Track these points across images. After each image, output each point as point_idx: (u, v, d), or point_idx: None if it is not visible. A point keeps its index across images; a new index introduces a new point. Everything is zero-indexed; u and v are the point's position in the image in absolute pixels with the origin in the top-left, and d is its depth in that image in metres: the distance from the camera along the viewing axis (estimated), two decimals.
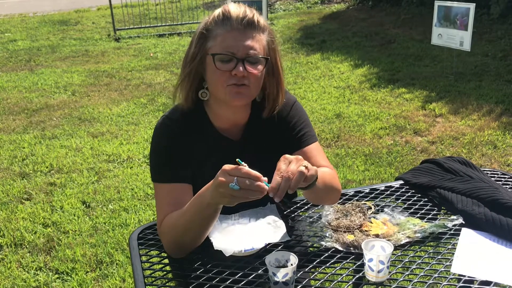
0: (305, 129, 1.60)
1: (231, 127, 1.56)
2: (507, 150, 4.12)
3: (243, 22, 1.40)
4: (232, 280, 1.31)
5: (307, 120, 1.63)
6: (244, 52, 1.39)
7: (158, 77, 6.89)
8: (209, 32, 1.43)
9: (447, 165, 1.81)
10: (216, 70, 1.40)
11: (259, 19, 1.43)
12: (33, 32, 10.40)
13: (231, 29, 1.40)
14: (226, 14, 1.41)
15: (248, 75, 1.40)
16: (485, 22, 8.44)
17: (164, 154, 1.50)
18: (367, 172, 3.86)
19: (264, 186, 1.18)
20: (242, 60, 1.38)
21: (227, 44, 1.39)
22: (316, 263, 1.37)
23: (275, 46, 1.48)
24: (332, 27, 9.73)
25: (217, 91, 1.45)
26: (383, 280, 1.29)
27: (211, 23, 1.43)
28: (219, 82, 1.41)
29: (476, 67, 6.39)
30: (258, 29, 1.42)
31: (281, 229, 1.48)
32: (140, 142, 4.60)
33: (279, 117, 1.58)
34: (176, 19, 10.68)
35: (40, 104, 5.81)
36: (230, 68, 1.39)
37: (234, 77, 1.39)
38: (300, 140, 1.58)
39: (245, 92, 1.42)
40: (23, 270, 2.86)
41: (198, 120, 1.54)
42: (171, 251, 1.43)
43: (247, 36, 1.40)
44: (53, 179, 3.92)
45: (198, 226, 1.34)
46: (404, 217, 1.55)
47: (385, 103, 5.41)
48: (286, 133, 1.59)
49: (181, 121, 1.52)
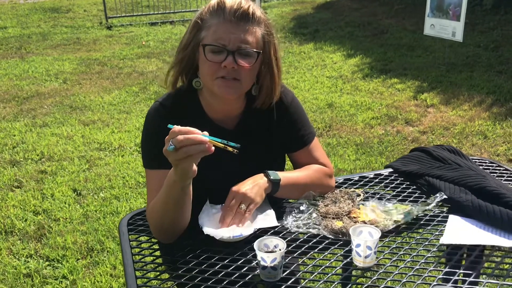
0: (306, 128, 1.63)
1: (225, 117, 1.56)
2: (497, 140, 4.15)
3: (237, 14, 1.38)
4: (221, 265, 1.32)
5: (305, 116, 1.66)
6: (235, 44, 1.38)
7: (150, 65, 6.85)
8: (203, 22, 1.42)
9: (436, 154, 1.82)
10: (206, 61, 1.40)
11: (255, 11, 1.42)
12: (23, 19, 10.28)
13: (224, 21, 1.39)
14: (221, 4, 1.40)
15: (239, 69, 1.39)
16: (478, 13, 8.46)
17: (155, 140, 1.49)
18: (358, 162, 3.88)
19: (202, 137, 1.15)
20: (233, 53, 1.38)
21: (219, 35, 1.38)
22: (305, 249, 1.39)
23: (271, 39, 1.46)
24: (325, 17, 9.71)
25: (207, 82, 1.45)
26: (370, 266, 1.30)
27: (206, 13, 1.42)
28: (208, 73, 1.41)
29: (468, 58, 6.42)
30: (252, 21, 1.41)
31: (270, 216, 1.49)
32: (132, 130, 4.59)
33: (278, 112, 1.59)
34: (169, 7, 10.61)
35: (31, 92, 5.76)
36: (220, 60, 1.38)
37: (224, 69, 1.39)
38: (302, 140, 1.63)
39: (234, 86, 1.41)
40: (13, 257, 2.86)
41: (192, 108, 1.54)
42: (157, 235, 1.44)
43: (240, 29, 1.39)
44: (44, 167, 3.91)
45: (172, 208, 1.33)
46: (392, 204, 1.56)
47: (377, 93, 5.42)
48: (286, 130, 1.61)
49: (173, 108, 1.51)
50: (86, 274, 2.70)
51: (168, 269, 1.34)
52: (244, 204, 1.43)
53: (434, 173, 1.70)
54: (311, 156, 1.64)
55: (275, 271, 1.25)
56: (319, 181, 1.61)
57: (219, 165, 1.47)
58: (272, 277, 1.25)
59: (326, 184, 1.64)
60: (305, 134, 1.64)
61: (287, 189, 1.54)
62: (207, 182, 1.42)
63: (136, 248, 1.43)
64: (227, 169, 1.47)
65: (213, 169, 1.47)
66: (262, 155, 1.59)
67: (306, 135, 1.64)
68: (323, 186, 1.63)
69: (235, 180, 1.48)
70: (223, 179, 1.46)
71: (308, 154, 1.64)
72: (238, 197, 1.44)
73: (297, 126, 1.62)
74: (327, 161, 1.67)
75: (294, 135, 1.63)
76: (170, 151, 1.15)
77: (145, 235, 1.50)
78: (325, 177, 1.64)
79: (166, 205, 1.34)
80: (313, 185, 1.59)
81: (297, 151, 1.64)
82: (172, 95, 1.54)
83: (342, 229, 1.45)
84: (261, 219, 1.47)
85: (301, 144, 1.64)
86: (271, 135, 1.61)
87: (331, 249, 1.38)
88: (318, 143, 1.68)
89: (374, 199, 1.62)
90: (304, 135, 1.63)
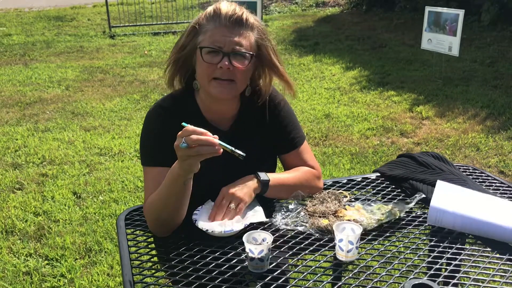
0: (296, 132, 1.73)
1: (220, 117, 1.65)
2: (489, 152, 4.24)
3: (231, 19, 1.49)
4: (212, 257, 1.40)
5: (296, 120, 1.76)
6: (230, 47, 1.48)
7: (151, 74, 6.96)
8: (200, 27, 1.53)
9: (421, 159, 1.91)
10: (203, 62, 1.50)
11: (248, 18, 1.53)
12: (28, 27, 10.44)
13: (220, 25, 1.49)
14: (217, 11, 1.51)
15: (234, 70, 1.49)
16: (476, 29, 8.60)
17: (153, 138, 1.60)
18: (353, 171, 3.96)
19: (213, 140, 1.26)
20: (228, 54, 1.48)
21: (215, 38, 1.49)
22: (292, 244, 1.47)
23: (265, 42, 1.56)
24: (325, 30, 9.85)
25: (203, 84, 1.55)
26: (352, 260, 1.38)
27: (203, 19, 1.53)
28: (205, 74, 1.51)
29: (464, 72, 6.53)
30: (246, 26, 1.52)
31: (259, 212, 1.57)
32: (132, 136, 4.68)
33: (270, 115, 1.70)
34: (172, 18, 10.76)
35: (34, 98, 5.87)
36: (216, 61, 1.48)
37: (220, 70, 1.49)
38: (293, 142, 1.73)
39: (229, 87, 1.52)
40: (13, 256, 2.93)
41: (189, 109, 1.63)
42: (154, 229, 1.52)
43: (234, 33, 1.50)
44: (45, 170, 3.99)
45: (173, 202, 1.43)
46: (376, 205, 1.65)
47: (373, 105, 5.52)
48: (278, 133, 1.71)
49: (172, 109, 1.61)
50: (83, 273, 2.77)
51: (161, 260, 1.43)
52: (234, 203, 1.52)
53: (417, 177, 1.79)
54: (300, 158, 1.73)
55: (262, 263, 1.33)
56: (307, 182, 1.70)
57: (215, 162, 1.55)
58: (259, 268, 1.33)
59: (315, 185, 1.73)
60: (296, 137, 1.73)
61: (276, 189, 1.63)
62: (203, 179, 1.50)
63: (132, 241, 1.51)
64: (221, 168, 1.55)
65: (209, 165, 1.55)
66: (254, 155, 1.67)
67: (296, 138, 1.73)
68: (311, 187, 1.72)
69: (226, 178, 1.57)
70: (217, 177, 1.55)
71: (297, 156, 1.73)
72: (228, 197, 1.54)
73: (288, 128, 1.72)
74: (316, 164, 1.76)
75: (285, 137, 1.72)
76: (182, 148, 1.25)
77: (141, 230, 1.58)
78: (314, 178, 1.73)
79: (167, 199, 1.43)
80: (302, 186, 1.68)
81: (287, 153, 1.73)
82: (170, 97, 1.64)
83: (328, 226, 1.53)
84: (251, 215, 1.55)
85: (291, 147, 1.73)
86: (263, 136, 1.70)
87: (315, 245, 1.46)
88: (307, 146, 1.77)
89: (359, 200, 1.71)
90: (295, 137, 1.73)
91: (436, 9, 6.09)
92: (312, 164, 1.75)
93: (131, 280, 1.33)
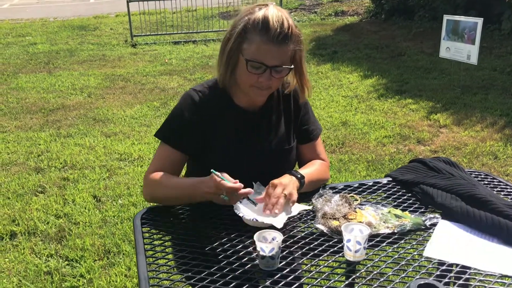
0: (316, 124, 1.90)
1: (250, 105, 1.78)
2: (507, 160, 4.21)
3: (279, 38, 1.55)
4: (224, 256, 1.45)
5: (314, 114, 1.92)
6: (273, 63, 1.58)
7: (171, 82, 7.08)
8: (247, 34, 1.58)
9: (432, 164, 1.93)
10: (246, 71, 1.60)
11: (293, 30, 1.59)
12: (52, 36, 10.70)
13: (267, 41, 1.55)
14: (265, 23, 1.55)
15: (272, 80, 1.62)
16: (496, 37, 8.53)
17: (179, 122, 1.73)
18: (368, 178, 3.97)
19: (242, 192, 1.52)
20: (270, 69, 1.59)
21: (261, 54, 1.57)
22: (302, 244, 1.51)
23: (300, 48, 1.65)
24: (344, 39, 9.87)
25: (243, 86, 1.67)
26: (359, 260, 1.42)
27: (251, 27, 1.57)
28: (247, 81, 1.63)
29: (484, 81, 6.48)
30: (289, 41, 1.59)
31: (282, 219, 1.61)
32: (151, 142, 4.77)
33: (295, 102, 1.83)
34: (192, 27, 10.93)
35: (57, 105, 6.02)
36: (258, 73, 1.60)
37: (260, 82, 1.61)
38: (312, 134, 1.88)
39: (266, 93, 1.68)
40: (35, 256, 3.02)
41: (221, 97, 1.75)
42: (146, 197, 1.75)
43: (279, 51, 1.58)
44: (66, 175, 4.10)
45: (179, 201, 1.70)
46: (386, 208, 1.68)
47: (391, 112, 5.52)
48: (300, 122, 1.85)
49: (205, 95, 1.73)
50: (102, 274, 2.84)
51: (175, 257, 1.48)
52: (286, 192, 1.60)
53: (428, 182, 1.82)
54: (315, 150, 1.89)
55: (273, 261, 1.37)
56: (324, 175, 1.87)
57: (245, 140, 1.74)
58: (271, 265, 1.38)
59: (328, 177, 1.91)
60: (315, 129, 1.88)
61: (307, 186, 1.75)
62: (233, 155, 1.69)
63: (148, 239, 1.57)
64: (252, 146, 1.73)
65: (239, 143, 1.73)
66: (282, 136, 1.81)
67: (315, 130, 1.88)
68: (326, 179, 1.89)
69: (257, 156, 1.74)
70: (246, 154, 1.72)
71: (313, 148, 1.89)
72: (281, 187, 1.61)
73: (310, 119, 1.87)
74: (326, 156, 1.94)
75: (306, 128, 1.86)
76: (223, 199, 1.52)
77: (156, 228, 1.64)
78: (327, 170, 1.91)
79: (176, 199, 1.67)
80: (322, 179, 1.85)
81: (305, 144, 1.87)
82: (205, 84, 1.77)
83: (338, 227, 1.56)
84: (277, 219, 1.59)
85: (310, 138, 1.88)
86: (288, 121, 1.82)
87: (325, 245, 1.50)
88: (321, 139, 1.93)
89: (370, 204, 1.74)
90: (314, 129, 1.88)
91: (454, 18, 6.09)
92: (324, 157, 1.92)
93: (146, 277, 1.38)
